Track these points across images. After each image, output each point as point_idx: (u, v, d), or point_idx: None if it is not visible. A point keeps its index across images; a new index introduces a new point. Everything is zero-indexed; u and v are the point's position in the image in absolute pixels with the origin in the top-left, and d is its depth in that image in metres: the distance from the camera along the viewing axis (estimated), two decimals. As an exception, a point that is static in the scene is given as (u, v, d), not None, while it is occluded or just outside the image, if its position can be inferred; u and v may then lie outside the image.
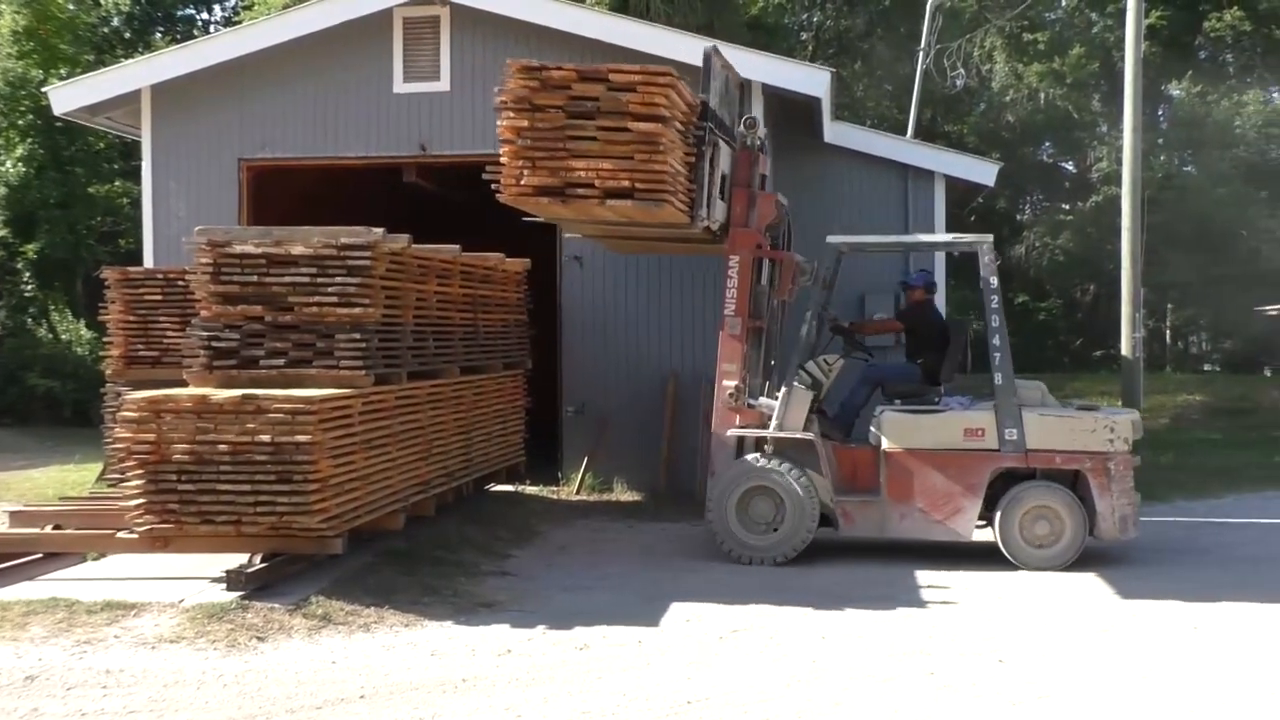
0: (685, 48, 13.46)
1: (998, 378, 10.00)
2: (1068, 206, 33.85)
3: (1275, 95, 32.82)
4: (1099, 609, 8.53)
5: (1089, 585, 9.29)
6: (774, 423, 10.23)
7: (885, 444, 10.13)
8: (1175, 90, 32.40)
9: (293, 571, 8.67)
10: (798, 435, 10.22)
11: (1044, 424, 9.98)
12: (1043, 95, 32.23)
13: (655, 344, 13.57)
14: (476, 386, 11.57)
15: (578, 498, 13.15)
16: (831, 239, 10.60)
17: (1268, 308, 24.00)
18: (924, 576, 9.54)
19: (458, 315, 11.19)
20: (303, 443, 8.08)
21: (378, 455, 9.17)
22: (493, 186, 9.51)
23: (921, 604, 8.68)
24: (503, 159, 9.32)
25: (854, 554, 10.34)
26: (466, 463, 11.30)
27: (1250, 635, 7.81)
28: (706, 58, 10.41)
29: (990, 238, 10.48)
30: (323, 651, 7.32)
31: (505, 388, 12.52)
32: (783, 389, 10.27)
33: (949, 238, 11.06)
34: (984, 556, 10.12)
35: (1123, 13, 19.50)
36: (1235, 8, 31.85)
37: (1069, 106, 32.25)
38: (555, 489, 13.40)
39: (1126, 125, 18.61)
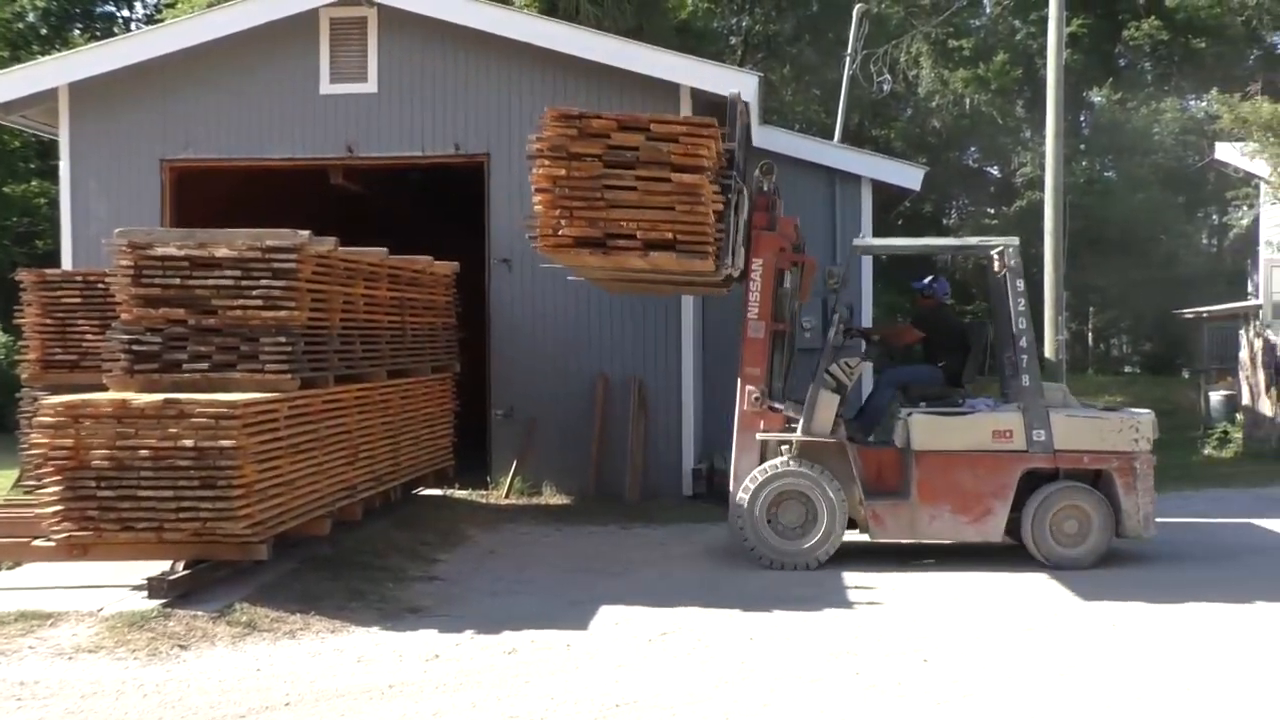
0: (614, 51, 13.54)
1: (1025, 379, 10.12)
2: (993, 210, 34.31)
3: (1191, 103, 33.52)
4: (1021, 608, 8.64)
5: (1011, 585, 9.40)
6: (801, 425, 10.20)
7: (916, 446, 10.12)
8: (1096, 97, 32.98)
9: (216, 578, 8.54)
10: (828, 439, 10.20)
11: (1071, 425, 10.12)
12: (968, 101, 32.67)
13: (584, 346, 13.55)
14: (404, 390, 11.48)
15: (507, 501, 13.10)
16: (857, 242, 10.62)
17: (1185, 310, 24.48)
18: (850, 578, 9.62)
19: (385, 318, 11.10)
20: (227, 447, 7.97)
21: (304, 460, 9.06)
22: (527, 236, 9.28)
23: (848, 605, 8.74)
24: (537, 208, 9.04)
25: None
26: (394, 467, 11.21)
27: (1164, 631, 7.95)
28: (731, 104, 10.27)
29: (1016, 240, 10.55)
30: (247, 659, 7.22)
31: (433, 391, 12.45)
32: (809, 392, 10.24)
33: (975, 241, 11.10)
34: (910, 556, 10.22)
35: (1045, 20, 19.80)
36: (1153, 17, 32.50)
37: (994, 112, 32.71)
38: (484, 493, 13.33)
39: (1049, 131, 18.93)
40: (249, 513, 8.12)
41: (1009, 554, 10.22)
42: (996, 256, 10.59)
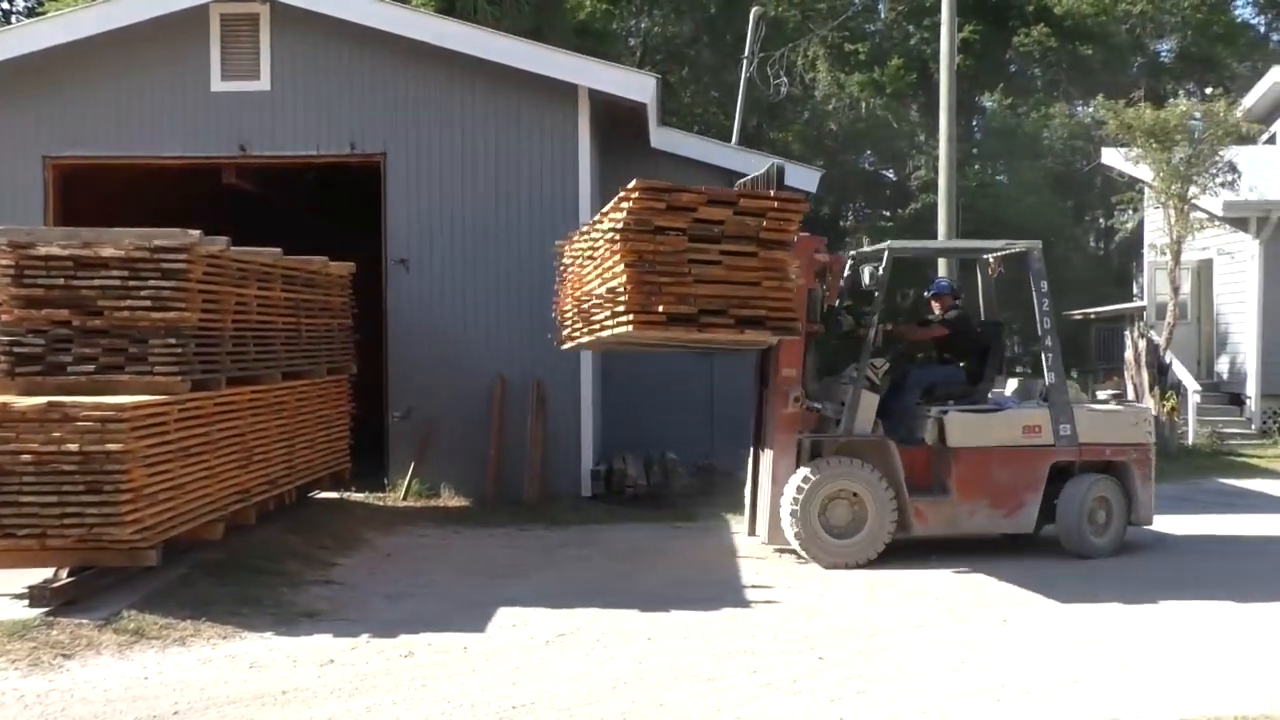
0: (511, 51, 13.48)
1: (1050, 377, 10.59)
2: (888, 213, 34.77)
3: (1079, 109, 34.32)
4: (915, 605, 8.77)
5: (904, 581, 9.54)
6: (844, 425, 10.31)
7: (953, 443, 10.36)
8: (988, 102, 33.61)
9: (103, 585, 8.34)
10: (871, 438, 10.35)
11: (1093, 419, 10.62)
12: (864, 104, 33.07)
13: (483, 347, 13.46)
14: (299, 392, 11.33)
15: (404, 504, 12.98)
16: (893, 244, 10.87)
17: (1074, 312, 25.07)
18: (748, 577, 9.70)
19: (280, 319, 10.94)
20: (114, 451, 7.80)
21: (195, 463, 8.90)
22: (613, 312, 8.93)
23: (746, 604, 8.80)
24: (622, 281, 8.69)
25: (679, 556, 10.47)
26: (289, 470, 11.06)
27: (1052, 625, 8.14)
28: (780, 171, 10.26)
29: (1039, 244, 10.97)
30: (134, 668, 7.06)
31: (329, 393, 12.29)
32: (850, 392, 10.36)
33: (1000, 244, 11.41)
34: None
35: (938, 26, 20.14)
36: (1042, 25, 33.21)
37: (889, 116, 33.15)
38: (381, 495, 13.19)
39: (942, 135, 19.25)
40: (137, 518, 7.95)
41: (896, 548, 10.37)
42: (991, 260, 11.30)
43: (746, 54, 27.68)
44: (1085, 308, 25.26)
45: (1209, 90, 24.81)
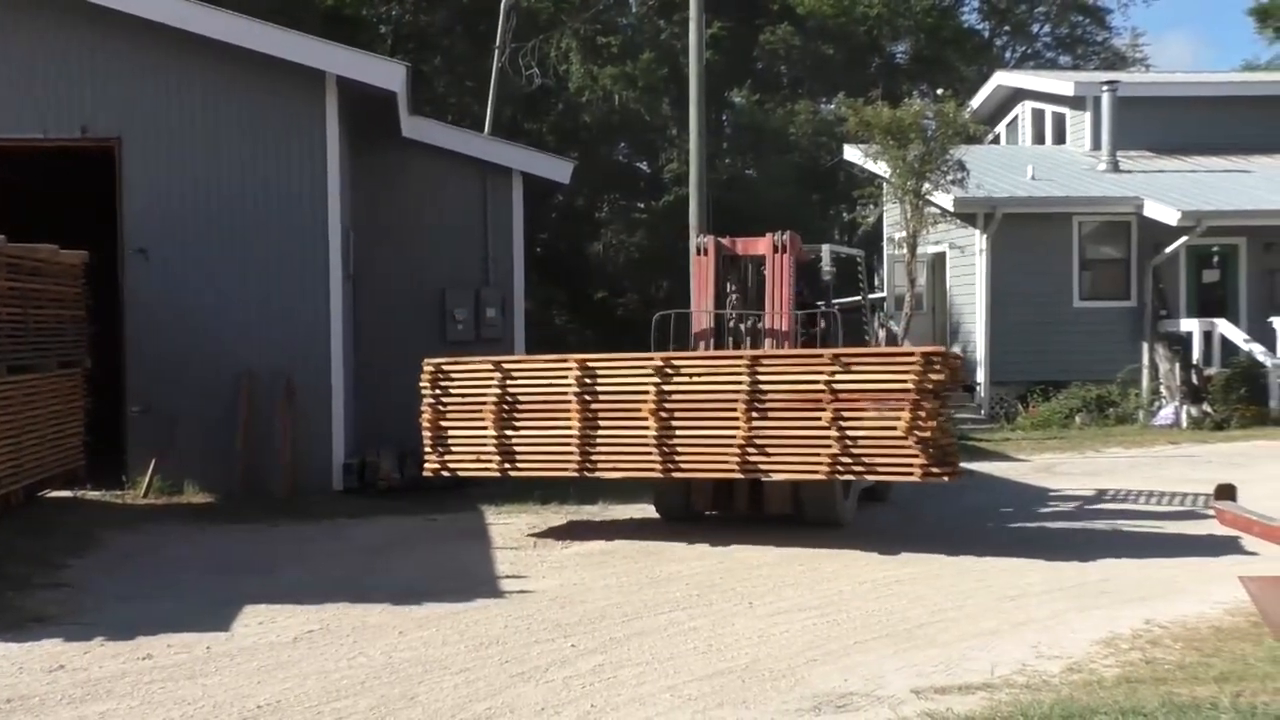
0: (255, 35, 13.16)
1: None
2: (642, 205, 35.28)
3: (823, 106, 35.58)
4: (668, 590, 8.96)
5: (661, 567, 9.74)
6: None
7: None
8: (737, 98, 34.48)
9: None
10: None
11: None
12: (617, 97, 33.44)
13: (229, 340, 13.03)
14: (27, 387, 10.78)
15: (145, 501, 12.48)
16: (832, 247, 13.36)
17: (819, 302, 25.99)
18: (502, 568, 9.73)
19: (3, 311, 10.38)
20: None
21: (-93, 464, 8.36)
22: (911, 465, 9.71)
23: (499, 594, 8.82)
24: (923, 437, 9.62)
25: (432, 549, 10.43)
26: (15, 469, 10.51)
27: (796, 605, 8.44)
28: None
29: (862, 251, 14.82)
30: None
31: (61, 388, 11.72)
32: None
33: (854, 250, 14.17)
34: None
35: (688, 21, 20.55)
36: (786, 24, 34.32)
37: (641, 109, 33.62)
38: (120, 493, 12.65)
39: (692, 129, 19.69)
40: None
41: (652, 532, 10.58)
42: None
43: (498, 44, 27.67)
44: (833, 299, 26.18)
45: (940, 92, 26.11)
